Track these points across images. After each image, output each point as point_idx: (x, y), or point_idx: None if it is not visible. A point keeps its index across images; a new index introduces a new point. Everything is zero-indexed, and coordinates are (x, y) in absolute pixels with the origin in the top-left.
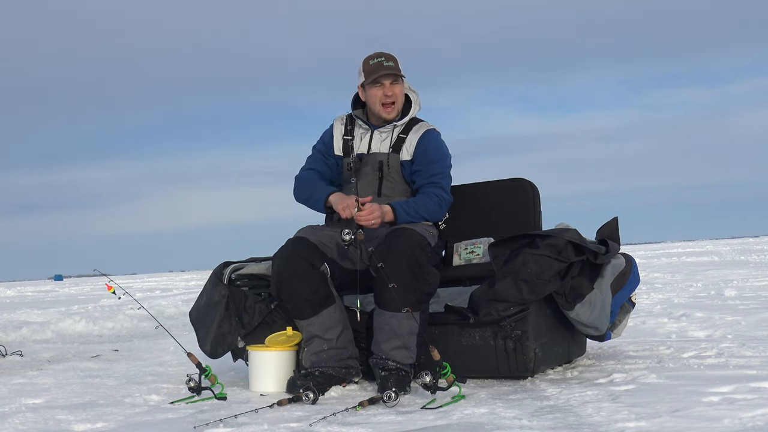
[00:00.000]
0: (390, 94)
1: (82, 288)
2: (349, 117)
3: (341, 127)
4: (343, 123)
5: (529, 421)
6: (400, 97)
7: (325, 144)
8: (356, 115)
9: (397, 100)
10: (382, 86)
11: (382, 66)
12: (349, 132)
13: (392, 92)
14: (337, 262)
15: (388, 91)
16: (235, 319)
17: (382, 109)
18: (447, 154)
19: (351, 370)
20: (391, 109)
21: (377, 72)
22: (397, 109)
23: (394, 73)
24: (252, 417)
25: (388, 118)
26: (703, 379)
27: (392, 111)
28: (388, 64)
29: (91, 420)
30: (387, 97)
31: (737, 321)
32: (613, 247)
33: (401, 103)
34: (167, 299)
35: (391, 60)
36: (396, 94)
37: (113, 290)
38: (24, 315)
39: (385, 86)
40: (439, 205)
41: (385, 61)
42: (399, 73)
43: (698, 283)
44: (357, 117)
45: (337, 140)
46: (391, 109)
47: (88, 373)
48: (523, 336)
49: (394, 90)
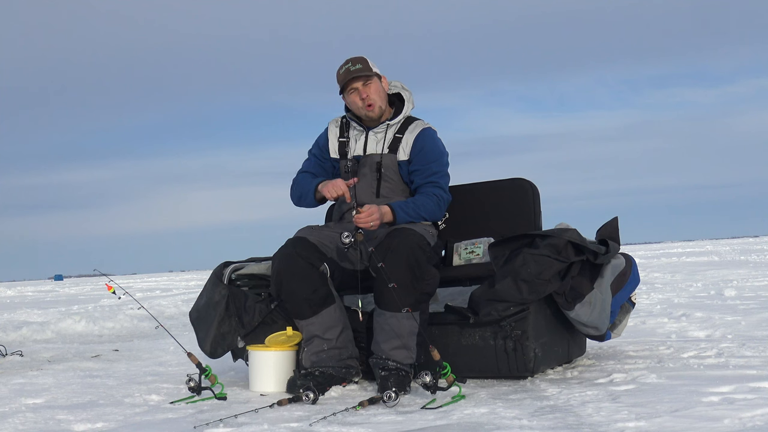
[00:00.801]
0: (365, 96)
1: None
2: (344, 119)
3: (336, 129)
4: (338, 125)
5: (529, 421)
6: (375, 95)
7: (320, 147)
8: (350, 117)
9: (374, 101)
10: (357, 91)
11: (350, 72)
12: (345, 134)
13: (367, 94)
14: (336, 262)
15: (363, 93)
16: (235, 319)
17: (366, 111)
18: (444, 153)
19: (351, 370)
20: (372, 109)
21: (346, 78)
22: (378, 105)
23: (362, 74)
24: (252, 417)
25: (373, 116)
26: (703, 379)
27: (374, 108)
28: (355, 68)
29: (91, 420)
30: (363, 100)
31: (737, 321)
32: (613, 247)
33: (382, 100)
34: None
35: (359, 62)
36: (371, 94)
37: (113, 290)
38: (24, 315)
39: (359, 90)
40: (438, 205)
41: (351, 66)
42: (368, 73)
43: (698, 283)
44: (351, 119)
45: (333, 143)
46: (372, 108)
47: (88, 373)
48: (523, 336)
49: (368, 91)
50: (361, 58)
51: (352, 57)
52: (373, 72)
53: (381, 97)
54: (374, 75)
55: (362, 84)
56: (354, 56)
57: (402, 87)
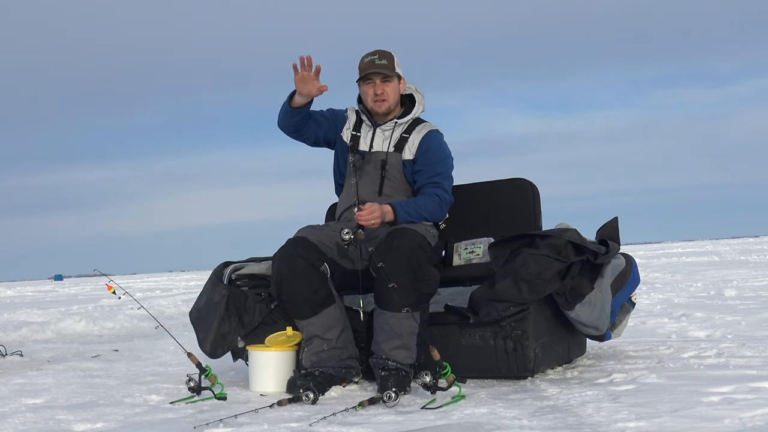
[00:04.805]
0: (380, 92)
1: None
2: (357, 112)
3: (354, 117)
4: (354, 115)
5: (529, 421)
6: (391, 95)
7: (335, 114)
8: (362, 110)
9: (388, 97)
10: (373, 84)
11: (374, 64)
12: (357, 127)
13: (382, 90)
14: (336, 262)
15: (378, 89)
16: (235, 319)
17: (374, 105)
18: (449, 155)
19: (351, 370)
20: (381, 104)
21: (368, 70)
22: (388, 104)
23: (384, 72)
24: (252, 417)
25: (379, 111)
26: (703, 379)
27: (383, 105)
28: (380, 62)
29: (91, 420)
30: (377, 95)
31: (737, 321)
32: (613, 247)
33: (394, 100)
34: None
35: (385, 58)
36: (387, 92)
37: (113, 290)
38: (24, 315)
39: (376, 84)
40: (440, 206)
41: (377, 59)
42: (390, 72)
43: (698, 283)
44: (362, 112)
45: (347, 131)
46: (382, 103)
47: (88, 373)
48: (523, 336)
49: (385, 88)
50: (389, 54)
51: (380, 50)
52: (395, 72)
53: (395, 97)
54: (395, 75)
55: (381, 79)
56: (382, 50)
57: (416, 90)
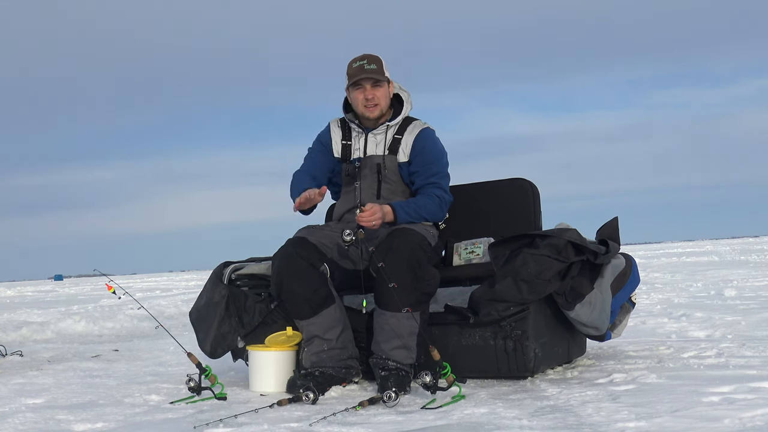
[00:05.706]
0: (371, 97)
1: (82, 288)
2: (342, 121)
3: (338, 130)
4: (339, 127)
5: (529, 421)
6: (382, 99)
7: (323, 144)
8: (349, 119)
9: (379, 102)
10: (363, 89)
11: (363, 69)
12: (347, 136)
13: (373, 95)
14: (336, 262)
15: (369, 94)
16: (235, 319)
17: (366, 110)
18: (443, 153)
19: (351, 370)
20: (373, 109)
21: (357, 75)
22: (380, 108)
23: (374, 77)
24: (252, 417)
25: (371, 117)
26: (703, 379)
27: (375, 110)
28: (369, 67)
29: (91, 420)
30: (368, 100)
31: (737, 321)
32: (613, 247)
33: (385, 105)
34: (167, 299)
35: (374, 62)
36: (378, 96)
37: (113, 290)
38: (24, 315)
39: (366, 89)
40: (440, 206)
41: (366, 64)
42: (380, 77)
43: (698, 283)
44: (350, 120)
45: (336, 143)
46: (374, 108)
47: (88, 373)
48: (523, 336)
49: (376, 93)
50: (377, 59)
51: (369, 54)
52: (385, 77)
53: (386, 101)
54: (385, 80)
55: (371, 85)
56: (370, 54)
57: (400, 88)
